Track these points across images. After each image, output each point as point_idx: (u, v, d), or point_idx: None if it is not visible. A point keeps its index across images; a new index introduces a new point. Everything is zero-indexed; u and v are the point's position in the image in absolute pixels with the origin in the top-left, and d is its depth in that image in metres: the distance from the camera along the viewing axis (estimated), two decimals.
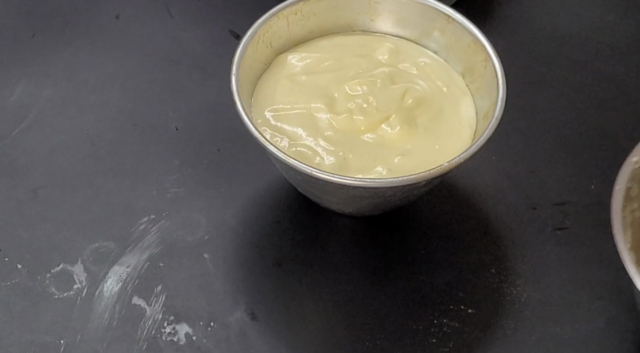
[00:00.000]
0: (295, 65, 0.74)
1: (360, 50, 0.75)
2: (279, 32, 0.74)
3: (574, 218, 0.76)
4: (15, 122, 0.80)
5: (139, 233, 0.74)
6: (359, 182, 0.64)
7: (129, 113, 0.81)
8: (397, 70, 0.74)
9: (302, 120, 0.70)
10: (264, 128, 0.70)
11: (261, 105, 0.71)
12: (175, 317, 0.70)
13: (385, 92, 0.71)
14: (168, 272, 0.72)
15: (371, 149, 0.69)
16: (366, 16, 0.76)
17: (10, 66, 0.85)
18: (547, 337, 0.70)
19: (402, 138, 0.69)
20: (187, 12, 0.90)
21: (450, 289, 0.72)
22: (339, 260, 0.73)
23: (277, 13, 0.73)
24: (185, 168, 0.78)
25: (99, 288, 0.71)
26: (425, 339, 0.69)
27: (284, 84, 0.72)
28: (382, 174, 0.68)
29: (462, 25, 0.73)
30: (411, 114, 0.71)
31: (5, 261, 0.72)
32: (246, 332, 0.69)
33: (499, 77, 0.69)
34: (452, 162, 0.65)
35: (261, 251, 0.73)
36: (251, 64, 0.71)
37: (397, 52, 0.75)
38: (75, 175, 0.77)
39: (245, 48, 0.71)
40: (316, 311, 0.71)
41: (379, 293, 0.71)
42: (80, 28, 0.88)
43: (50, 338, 0.68)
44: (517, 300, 0.71)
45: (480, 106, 0.71)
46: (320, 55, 0.75)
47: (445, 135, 0.70)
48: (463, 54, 0.73)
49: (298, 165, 0.64)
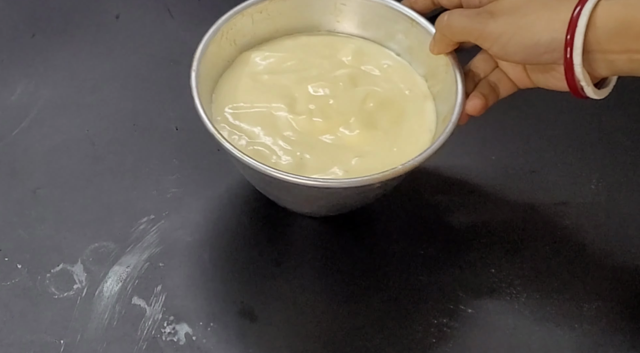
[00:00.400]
0: (259, 64, 0.74)
1: (324, 51, 0.75)
2: (244, 30, 0.73)
3: (574, 218, 0.76)
4: (15, 122, 0.80)
5: (139, 233, 0.74)
6: (312, 181, 0.64)
7: (129, 113, 0.81)
8: (360, 71, 0.74)
9: (261, 119, 0.70)
10: (222, 125, 0.70)
11: (222, 102, 0.71)
12: (175, 317, 0.69)
13: (347, 95, 0.71)
14: (168, 272, 0.72)
15: (329, 150, 0.69)
16: (332, 17, 0.75)
17: (10, 66, 0.85)
18: (547, 337, 0.70)
19: (360, 140, 0.69)
20: (187, 12, 0.90)
21: (450, 289, 0.72)
22: (339, 261, 0.73)
23: (242, 10, 0.72)
24: (185, 168, 0.78)
25: (99, 288, 0.71)
26: (425, 339, 0.69)
27: (245, 82, 0.72)
28: (338, 174, 0.68)
29: (425, 29, 0.72)
30: (372, 116, 0.71)
31: (5, 261, 0.72)
32: (246, 332, 0.69)
33: (458, 82, 0.69)
34: (407, 165, 0.65)
35: (260, 251, 0.73)
36: (214, 60, 0.71)
37: (360, 53, 0.75)
38: (75, 175, 0.77)
39: (208, 44, 0.70)
40: (316, 311, 0.71)
41: (378, 293, 0.71)
42: (80, 28, 0.88)
43: (50, 338, 0.68)
44: (517, 300, 0.71)
45: (440, 110, 0.71)
46: (284, 55, 0.74)
47: (404, 138, 0.70)
48: (426, 57, 0.73)
49: (254, 163, 0.64)
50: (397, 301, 0.71)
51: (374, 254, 0.74)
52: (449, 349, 0.69)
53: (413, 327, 0.70)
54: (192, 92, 0.67)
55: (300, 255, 0.73)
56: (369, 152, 0.69)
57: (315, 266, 0.73)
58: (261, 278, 0.72)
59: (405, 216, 0.76)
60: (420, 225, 0.75)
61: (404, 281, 0.72)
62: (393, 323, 0.70)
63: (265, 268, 0.72)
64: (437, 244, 0.74)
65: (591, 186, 0.78)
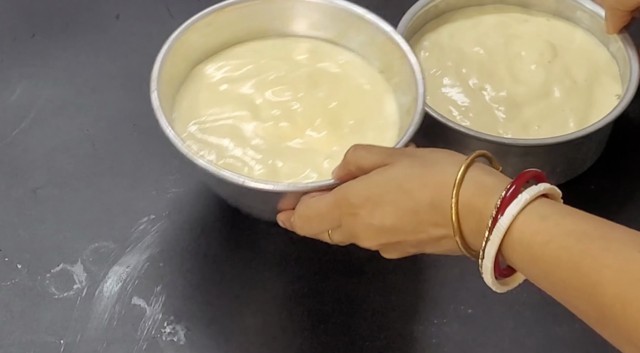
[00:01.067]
0: (214, 75, 0.73)
1: (278, 53, 0.74)
2: (195, 45, 0.73)
3: None
4: (15, 122, 0.80)
5: (139, 234, 0.74)
6: (287, 187, 0.63)
7: (129, 113, 0.81)
8: (318, 69, 0.73)
9: (228, 131, 0.69)
10: (190, 142, 0.68)
11: (184, 119, 0.70)
12: (175, 317, 0.69)
13: (309, 97, 0.71)
14: (168, 272, 0.72)
15: (299, 154, 0.69)
16: (280, 22, 0.75)
17: (10, 66, 0.85)
18: (547, 337, 0.70)
19: (329, 141, 0.69)
20: (187, 12, 0.89)
21: (450, 289, 0.72)
22: (338, 260, 0.73)
23: (191, 26, 0.72)
24: (185, 168, 0.78)
25: (99, 288, 0.71)
26: (425, 339, 0.69)
27: (205, 95, 0.71)
28: (312, 178, 0.67)
29: (375, 25, 0.73)
30: (336, 116, 0.71)
31: (5, 261, 0.72)
32: (246, 332, 0.69)
33: (416, 73, 0.69)
34: None
35: (260, 251, 0.73)
36: (169, 79, 0.70)
37: (315, 51, 0.75)
38: (75, 175, 0.77)
39: (163, 64, 0.69)
40: (317, 310, 0.71)
41: (378, 293, 0.71)
42: (80, 28, 0.88)
43: (50, 338, 0.68)
44: (517, 300, 0.71)
45: (402, 102, 0.71)
46: (238, 62, 0.74)
47: (371, 134, 0.70)
48: (379, 51, 0.73)
49: (230, 176, 0.63)
50: (397, 301, 0.71)
51: (374, 253, 0.74)
52: (449, 349, 0.69)
53: (413, 327, 0.70)
54: (157, 114, 0.66)
55: (302, 252, 0.73)
56: (339, 153, 0.67)
57: (317, 263, 0.73)
58: (261, 277, 0.72)
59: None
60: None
61: (404, 281, 0.72)
62: (393, 324, 0.70)
63: (266, 269, 0.72)
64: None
65: (591, 186, 0.78)
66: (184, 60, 0.72)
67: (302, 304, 0.71)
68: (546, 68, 0.78)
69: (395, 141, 0.68)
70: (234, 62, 0.74)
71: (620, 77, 0.78)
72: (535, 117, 0.76)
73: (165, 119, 0.65)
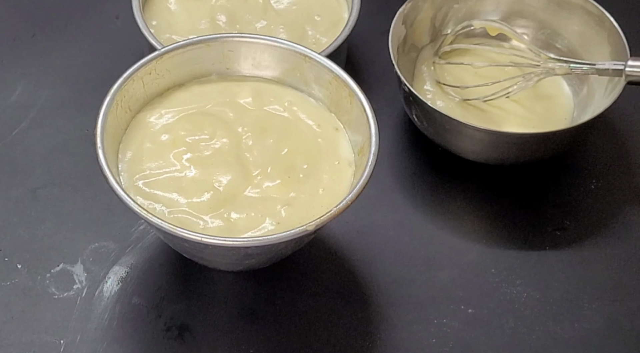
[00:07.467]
0: (155, 124, 0.70)
1: (222, 98, 0.71)
2: (137, 95, 0.70)
3: (574, 218, 0.76)
4: (15, 122, 0.80)
5: (139, 234, 0.74)
6: (250, 242, 0.62)
7: None
8: (265, 113, 0.71)
9: (175, 184, 0.66)
10: (137, 197, 0.66)
11: (130, 172, 0.67)
12: (175, 318, 0.69)
13: (259, 144, 0.68)
14: (168, 272, 0.72)
15: (255, 204, 0.66)
16: (221, 65, 0.72)
17: (10, 66, 0.85)
18: (547, 337, 0.70)
19: (284, 189, 0.67)
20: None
21: (450, 289, 0.72)
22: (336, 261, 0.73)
23: (132, 75, 0.69)
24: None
25: (99, 289, 0.71)
26: (425, 339, 0.69)
27: (147, 147, 0.68)
28: (270, 229, 0.65)
29: (320, 63, 0.70)
30: (288, 161, 0.68)
31: (5, 261, 0.72)
32: (246, 332, 0.69)
33: (367, 112, 0.67)
34: (340, 206, 0.62)
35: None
36: (113, 132, 0.67)
37: (259, 93, 0.72)
38: (75, 175, 0.77)
39: (106, 117, 0.66)
40: (319, 309, 0.71)
41: (378, 293, 0.71)
42: (80, 28, 0.88)
43: (50, 338, 0.68)
44: (517, 300, 0.71)
45: (354, 140, 0.69)
46: (180, 109, 0.71)
47: (326, 177, 0.68)
48: (327, 90, 0.71)
49: (186, 234, 0.61)
50: (397, 301, 0.71)
51: (370, 260, 0.74)
52: (449, 349, 0.69)
53: (413, 327, 0.70)
54: (104, 171, 0.64)
55: (302, 251, 0.73)
56: (296, 199, 0.66)
57: (317, 260, 0.73)
58: (261, 278, 0.72)
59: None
60: (417, 223, 0.76)
61: (404, 281, 0.72)
62: (393, 323, 0.70)
63: (264, 268, 0.72)
64: (437, 244, 0.74)
65: (591, 186, 0.78)
66: (127, 112, 0.69)
67: (302, 304, 0.71)
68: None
69: (352, 182, 0.66)
70: (174, 110, 0.71)
71: None
72: None
73: (114, 179, 0.63)
